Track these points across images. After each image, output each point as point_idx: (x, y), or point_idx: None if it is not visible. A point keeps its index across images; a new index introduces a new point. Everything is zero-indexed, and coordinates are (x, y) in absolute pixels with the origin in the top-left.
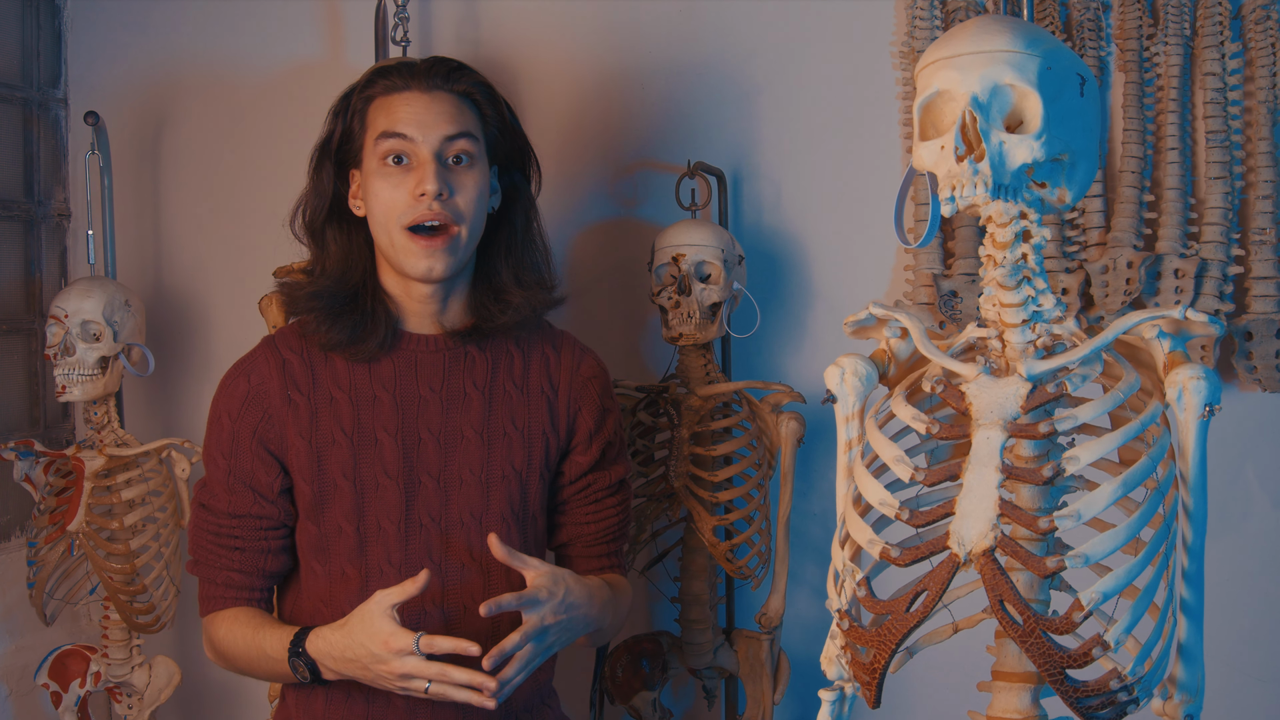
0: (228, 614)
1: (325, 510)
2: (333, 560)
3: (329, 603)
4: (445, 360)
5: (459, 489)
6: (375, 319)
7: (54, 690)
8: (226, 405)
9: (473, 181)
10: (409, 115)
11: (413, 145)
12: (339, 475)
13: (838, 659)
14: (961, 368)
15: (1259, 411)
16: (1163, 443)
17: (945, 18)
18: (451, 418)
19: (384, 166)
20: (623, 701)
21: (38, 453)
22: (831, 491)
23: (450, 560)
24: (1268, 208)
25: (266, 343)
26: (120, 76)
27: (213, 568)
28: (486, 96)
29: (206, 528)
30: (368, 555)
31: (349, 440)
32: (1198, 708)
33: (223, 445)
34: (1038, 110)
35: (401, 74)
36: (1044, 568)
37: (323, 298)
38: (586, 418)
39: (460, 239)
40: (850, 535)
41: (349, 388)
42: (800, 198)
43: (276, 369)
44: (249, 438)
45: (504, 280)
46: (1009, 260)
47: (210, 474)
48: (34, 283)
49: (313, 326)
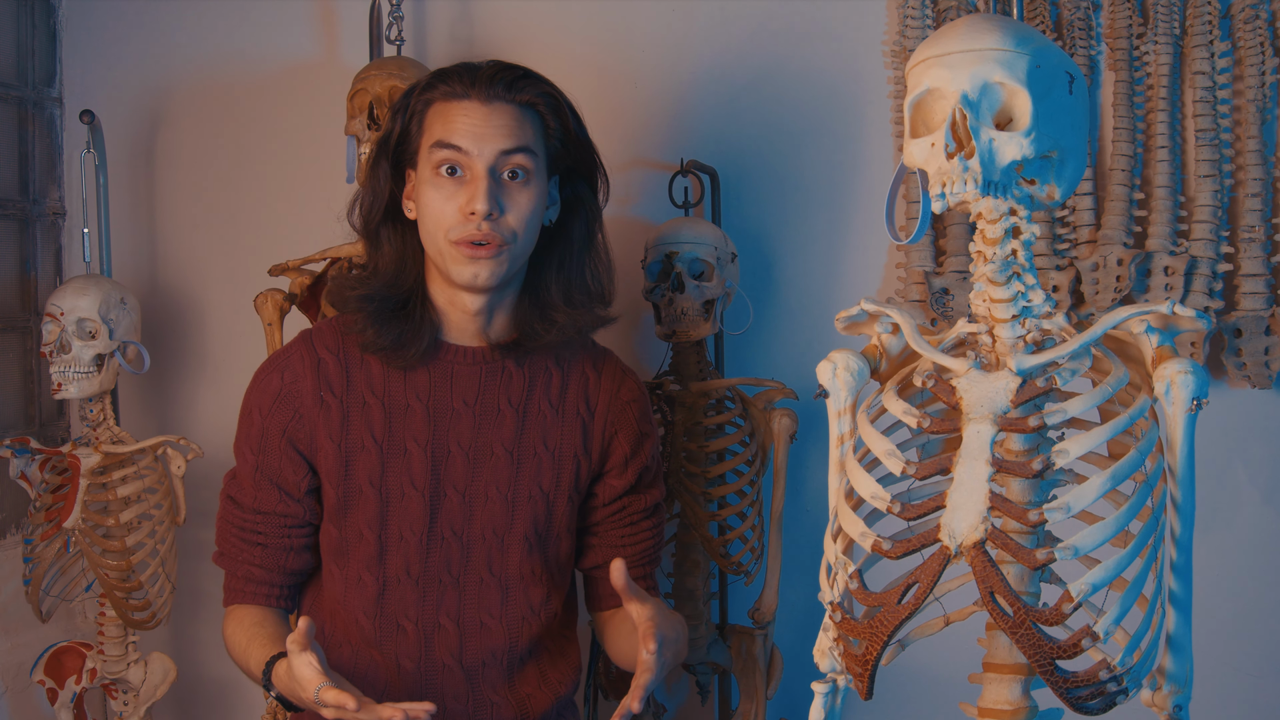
0: (240, 611)
1: (348, 515)
2: (351, 565)
3: (345, 606)
4: (482, 374)
5: (484, 505)
6: (421, 327)
7: (50, 687)
8: (258, 400)
9: (527, 198)
10: (465, 126)
11: (467, 158)
12: (365, 482)
13: (830, 651)
14: (952, 362)
15: (1248, 408)
16: (1151, 436)
17: (937, 17)
18: (483, 433)
19: (436, 176)
20: (616, 697)
21: (33, 450)
22: (824, 488)
23: (469, 575)
24: (1257, 205)
25: (303, 339)
26: (115, 75)
27: (235, 560)
28: (551, 107)
29: (232, 520)
30: (387, 564)
31: (378, 447)
32: (1186, 698)
33: (251, 441)
34: (1027, 108)
35: (462, 80)
36: (1034, 560)
37: (374, 300)
38: (623, 442)
39: (508, 252)
40: (842, 528)
41: (383, 394)
42: (793, 196)
43: (311, 368)
44: (278, 435)
45: (552, 297)
46: (999, 256)
47: (239, 468)
48: (29, 281)
49: (358, 327)
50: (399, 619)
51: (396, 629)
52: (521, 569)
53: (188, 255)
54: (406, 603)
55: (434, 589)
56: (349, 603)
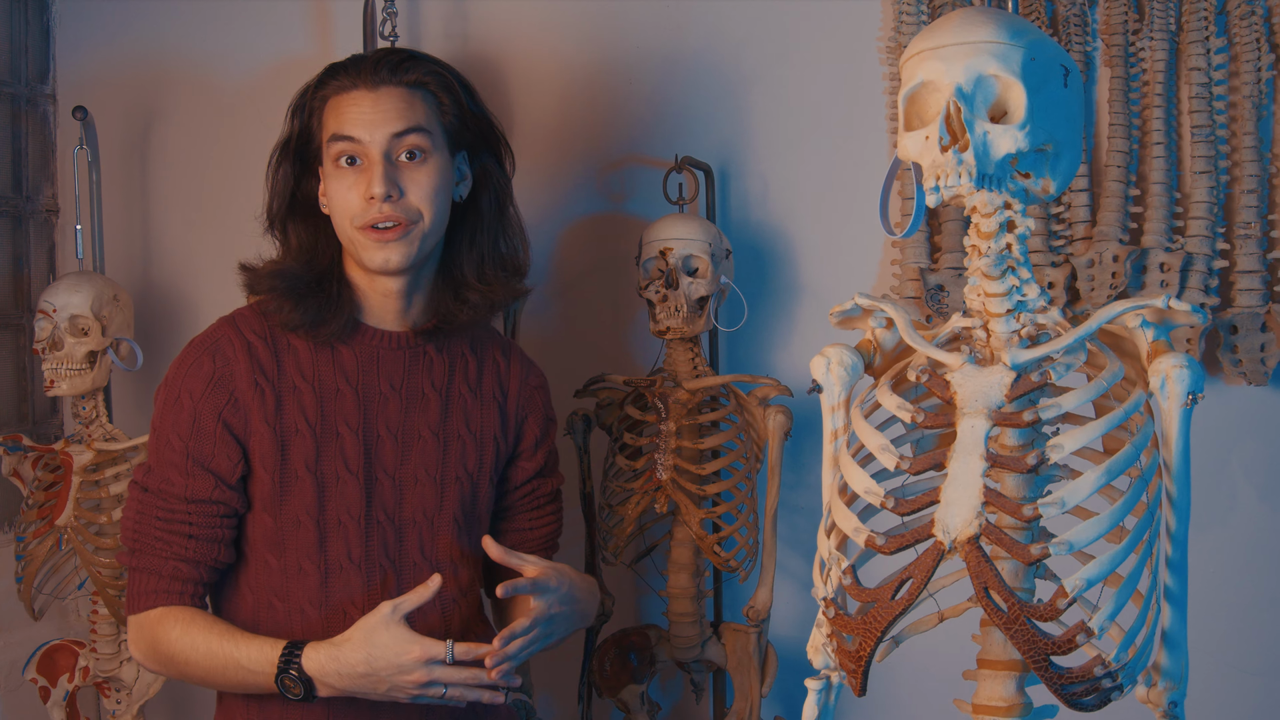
0: (177, 613)
1: (284, 502)
2: (288, 554)
3: (284, 598)
4: (406, 358)
5: (414, 488)
6: (339, 303)
7: (42, 685)
8: (188, 384)
9: (426, 176)
10: (355, 116)
11: (361, 146)
12: (301, 467)
13: (824, 647)
14: (946, 357)
15: (1244, 405)
16: (1146, 431)
17: (932, 13)
18: (410, 417)
19: (337, 168)
20: (610, 695)
21: (26, 447)
22: (819, 485)
23: (404, 559)
24: (1252, 202)
25: (227, 323)
26: (108, 72)
27: (158, 557)
28: (441, 85)
29: (153, 513)
30: (328, 550)
31: (312, 432)
32: (1181, 695)
33: (181, 426)
34: (1022, 101)
35: (349, 72)
36: (1028, 555)
37: (286, 278)
38: (533, 425)
39: (416, 232)
40: (836, 524)
41: (313, 377)
42: (788, 192)
43: (242, 351)
44: (212, 420)
45: (465, 274)
46: (993, 250)
47: (162, 456)
48: (23, 278)
49: (274, 306)
50: (345, 606)
51: (343, 616)
52: (451, 551)
53: (181, 252)
54: (352, 589)
55: (375, 573)
56: (291, 594)
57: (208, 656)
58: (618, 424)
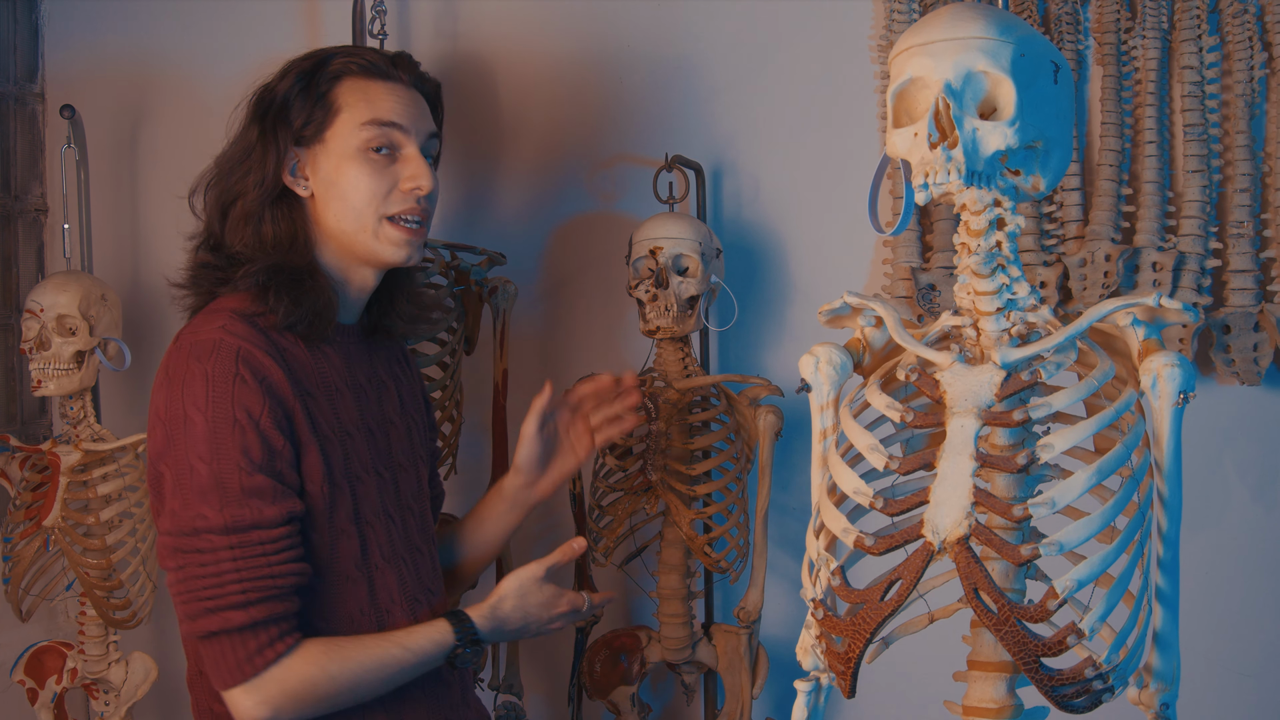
0: (312, 647)
1: (333, 514)
2: (336, 567)
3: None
4: (366, 351)
5: (404, 475)
6: (332, 297)
7: (30, 687)
8: (241, 401)
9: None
10: (397, 106)
11: (405, 135)
12: (338, 473)
13: (813, 649)
14: (936, 356)
15: (1236, 405)
16: (1137, 430)
17: (923, 12)
18: (384, 407)
19: (367, 153)
20: (601, 696)
21: (13, 448)
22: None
23: (410, 546)
24: (1245, 201)
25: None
26: (97, 70)
27: (278, 600)
28: (438, 99)
29: (257, 552)
30: (369, 555)
31: (336, 437)
32: (1173, 696)
33: (252, 450)
34: (1011, 97)
35: (375, 60)
36: (1019, 556)
37: (282, 272)
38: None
39: (427, 230)
40: (825, 524)
41: (318, 381)
42: (778, 191)
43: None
44: (277, 435)
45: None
46: (983, 248)
47: (237, 484)
48: (11, 277)
49: (268, 306)
50: (387, 605)
51: (387, 615)
52: (432, 533)
53: (169, 251)
54: (390, 586)
55: (403, 567)
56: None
57: (379, 666)
58: None
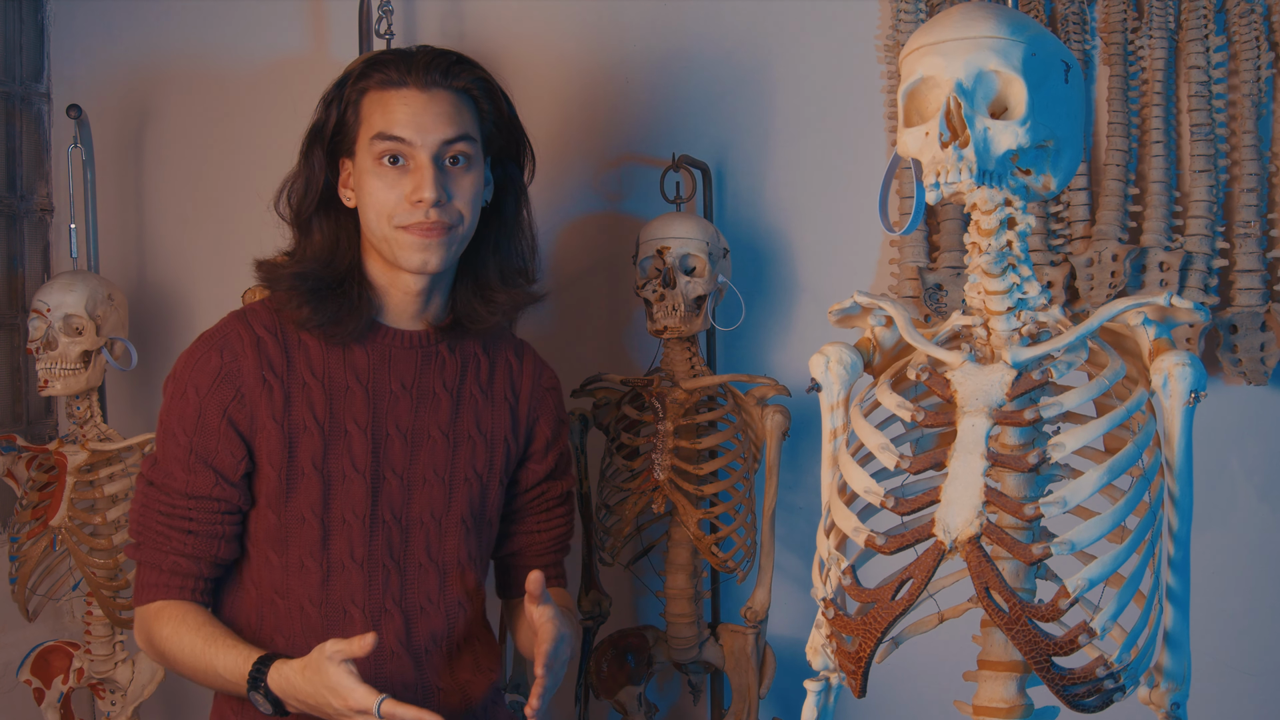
0: (173, 609)
1: (290, 499)
2: (291, 551)
3: (284, 594)
4: (418, 358)
5: (422, 488)
6: (359, 304)
7: (36, 687)
8: (194, 379)
9: (470, 183)
10: (406, 116)
11: (410, 148)
12: (308, 464)
13: (823, 648)
14: (946, 355)
15: (1244, 405)
16: (1148, 430)
17: (930, 11)
18: (421, 416)
19: (379, 166)
20: (607, 696)
21: (20, 448)
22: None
23: (409, 559)
24: (1252, 200)
25: (238, 318)
26: (103, 70)
27: (160, 551)
28: (485, 92)
29: (156, 507)
30: (330, 549)
31: (320, 429)
32: (1184, 696)
33: (186, 421)
34: (1022, 96)
35: (399, 67)
36: (1029, 555)
37: (308, 279)
38: (545, 427)
39: (456, 236)
40: (835, 524)
41: (323, 375)
42: (785, 191)
43: (251, 346)
44: (217, 416)
45: (490, 276)
46: (994, 247)
47: (166, 450)
48: (17, 277)
49: (292, 304)
50: (345, 605)
51: (343, 615)
52: (459, 553)
53: (175, 251)
54: (353, 588)
55: (379, 573)
56: (291, 591)
57: (192, 658)
58: (615, 424)
